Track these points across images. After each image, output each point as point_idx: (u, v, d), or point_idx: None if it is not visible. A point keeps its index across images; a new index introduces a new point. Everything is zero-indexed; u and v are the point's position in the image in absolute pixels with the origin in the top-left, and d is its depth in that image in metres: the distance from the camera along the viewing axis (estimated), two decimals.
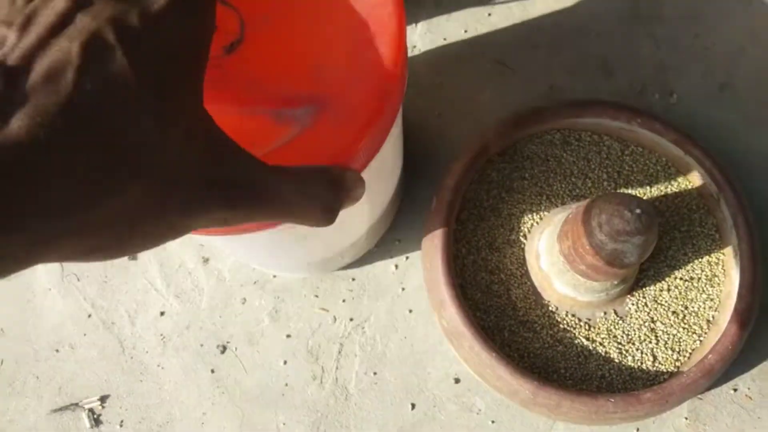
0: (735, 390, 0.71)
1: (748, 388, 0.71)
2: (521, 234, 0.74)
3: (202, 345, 0.78)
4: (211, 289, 0.80)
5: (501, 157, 0.77)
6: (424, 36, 0.86)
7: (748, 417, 0.71)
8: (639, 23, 0.83)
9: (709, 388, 0.71)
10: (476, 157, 0.72)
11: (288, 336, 0.77)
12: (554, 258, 0.67)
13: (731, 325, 0.64)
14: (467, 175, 0.72)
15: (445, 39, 0.85)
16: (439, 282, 0.68)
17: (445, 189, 0.71)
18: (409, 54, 0.83)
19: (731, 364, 0.70)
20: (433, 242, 0.69)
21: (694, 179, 0.73)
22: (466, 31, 0.85)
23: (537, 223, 0.74)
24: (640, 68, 0.82)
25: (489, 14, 0.86)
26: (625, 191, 0.74)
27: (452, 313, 0.67)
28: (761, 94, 0.79)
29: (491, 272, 0.72)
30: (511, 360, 0.68)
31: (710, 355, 0.64)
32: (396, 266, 0.78)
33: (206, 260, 0.80)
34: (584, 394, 0.63)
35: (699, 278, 0.71)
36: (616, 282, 0.64)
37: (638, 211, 0.54)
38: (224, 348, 0.77)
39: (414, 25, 0.86)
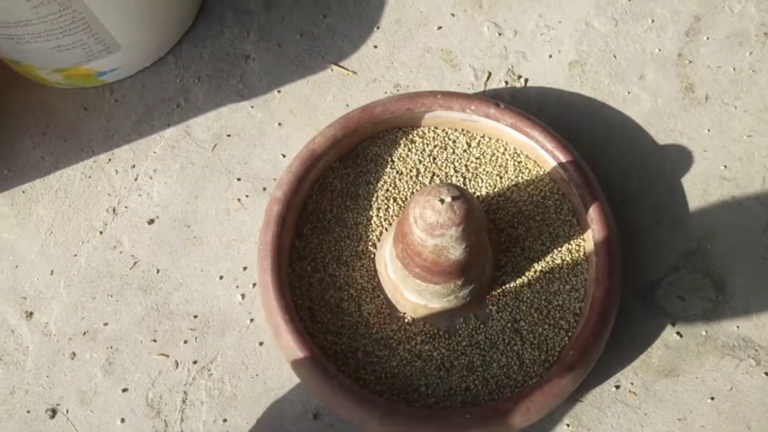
0: (617, 387, 0.65)
1: (632, 383, 0.65)
2: (370, 243, 0.67)
3: (29, 411, 0.68)
4: (36, 346, 0.70)
5: (343, 163, 0.70)
6: (257, 44, 0.79)
7: (635, 415, 0.64)
8: (480, 12, 0.79)
9: (588, 387, 0.65)
10: (306, 165, 0.65)
11: (124, 390, 0.68)
12: (395, 264, 0.60)
13: (591, 315, 0.59)
14: (300, 185, 0.65)
15: (280, 45, 0.79)
16: (272, 307, 0.60)
17: (272, 202, 0.64)
18: (244, 65, 0.77)
19: (610, 358, 0.65)
20: (263, 263, 0.62)
21: (544, 164, 0.68)
22: (301, 35, 0.80)
23: (386, 229, 0.67)
24: (486, 56, 0.77)
25: (324, 16, 0.80)
26: (475, 184, 0.69)
27: (288, 341, 0.59)
28: (610, 68, 0.76)
29: (340, 289, 0.65)
30: (364, 384, 0.60)
31: (570, 351, 0.57)
32: (242, 296, 0.70)
33: (29, 314, 0.71)
34: (438, 414, 0.56)
35: (560, 268, 0.65)
36: (460, 283, 0.58)
37: (449, 199, 0.48)
38: (54, 412, 0.67)
39: (246, 33, 0.80)
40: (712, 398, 0.64)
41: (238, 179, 0.75)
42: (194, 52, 0.80)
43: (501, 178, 0.69)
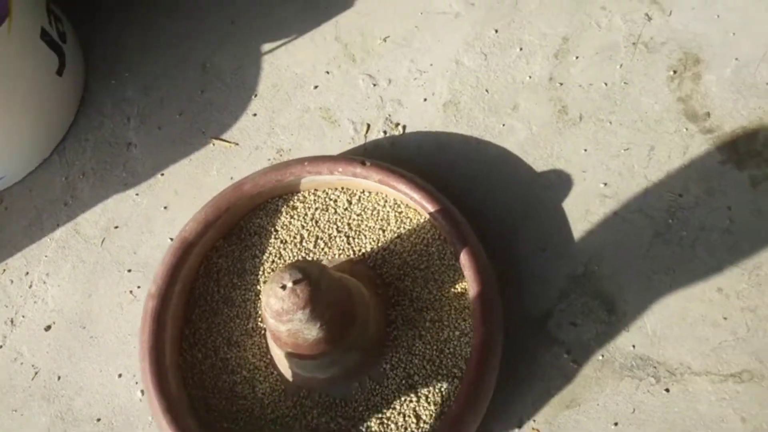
0: (520, 426, 0.65)
1: (534, 420, 0.65)
2: (259, 319, 0.67)
3: None
4: None
5: (227, 241, 0.70)
6: (138, 130, 0.80)
7: None
8: (354, 66, 0.80)
9: (492, 429, 0.64)
10: (179, 254, 0.65)
11: None
12: (272, 343, 0.60)
13: (470, 365, 0.58)
14: (175, 276, 0.65)
15: (160, 128, 0.80)
16: (155, 409, 0.60)
17: (148, 298, 0.64)
18: (127, 152, 0.77)
19: (511, 396, 0.64)
20: (143, 365, 0.61)
21: (422, 212, 0.68)
22: (180, 115, 0.80)
23: None
24: (363, 109, 0.78)
25: (202, 91, 0.81)
26: (359, 241, 0.69)
27: None
28: (484, 103, 0.76)
29: (233, 372, 0.65)
30: None
31: (453, 405, 0.57)
32: (142, 392, 0.69)
33: None
34: None
35: (449, 315, 0.65)
36: (336, 355, 0.58)
37: (290, 284, 0.48)
38: None
39: (126, 120, 0.80)
40: (616, 423, 0.64)
41: (129, 270, 0.75)
42: (77, 148, 0.80)
43: (384, 231, 0.69)
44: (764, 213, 0.69)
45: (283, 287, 0.49)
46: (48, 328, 0.73)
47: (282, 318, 0.49)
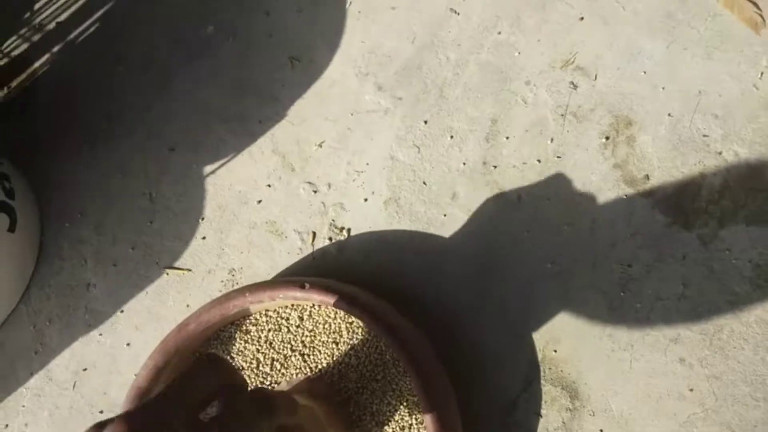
0: None
1: None
2: None
3: None
4: None
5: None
6: (96, 269, 0.82)
7: None
8: (294, 175, 0.81)
9: None
10: (135, 403, 0.66)
11: None
12: None
13: None
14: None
15: (115, 264, 0.82)
16: None
17: None
18: (87, 293, 0.79)
19: None
20: None
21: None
22: (133, 248, 0.82)
23: None
24: (307, 217, 0.79)
25: (150, 222, 0.83)
26: (314, 358, 0.69)
27: None
28: (423, 196, 0.76)
29: None
30: None
31: None
32: None
33: None
34: None
35: (411, 425, 0.65)
36: None
37: None
38: None
39: (84, 261, 0.83)
40: None
41: (101, 412, 0.76)
42: (41, 295, 0.82)
43: (337, 344, 0.69)
44: (717, 273, 0.67)
45: None
46: None
47: None
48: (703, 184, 0.70)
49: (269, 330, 0.71)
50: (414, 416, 0.65)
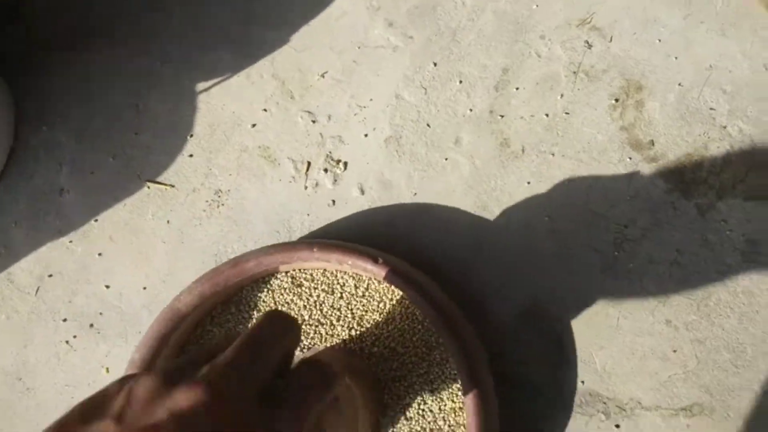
0: None
1: None
2: None
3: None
4: None
5: (224, 309, 0.67)
6: (71, 176, 0.77)
7: None
8: (293, 103, 0.78)
9: None
10: (170, 325, 0.62)
11: None
12: None
13: None
14: (161, 346, 0.61)
15: (92, 172, 0.77)
16: None
17: (129, 365, 0.60)
18: (59, 199, 0.75)
19: None
20: None
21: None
22: (114, 158, 0.78)
23: None
24: (303, 146, 0.76)
25: (136, 133, 0.78)
26: (361, 332, 0.65)
27: None
28: (426, 137, 0.74)
29: None
30: None
31: None
32: None
33: None
34: None
35: (441, 429, 0.61)
36: None
37: None
38: None
39: (59, 167, 0.78)
40: None
41: (64, 320, 0.72)
42: (9, 197, 0.77)
43: (386, 326, 0.65)
44: (711, 243, 0.68)
45: None
46: None
47: None
48: (706, 156, 0.70)
49: (322, 290, 0.67)
50: (447, 422, 0.62)
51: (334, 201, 0.73)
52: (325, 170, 0.75)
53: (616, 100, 0.73)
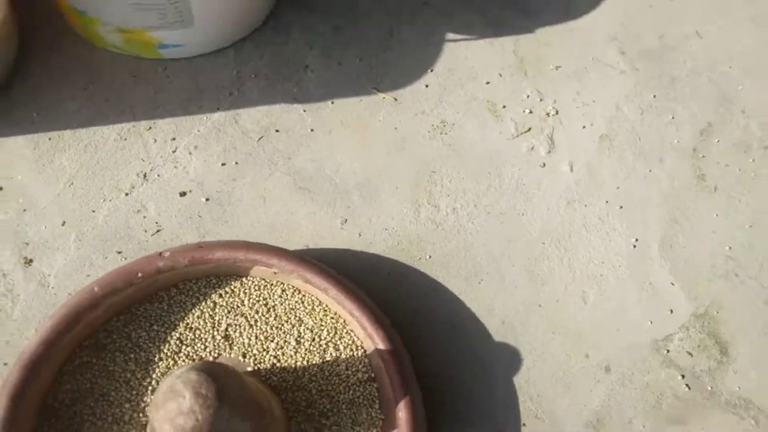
0: (630, 422, 0.65)
1: (643, 426, 0.65)
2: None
3: (6, 364, 0.60)
4: (29, 296, 0.64)
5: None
6: (318, 58, 0.82)
7: None
8: (525, 78, 0.86)
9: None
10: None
11: None
12: None
13: None
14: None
15: (340, 63, 0.83)
16: None
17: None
18: (303, 74, 0.79)
19: (624, 401, 0.65)
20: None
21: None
22: (360, 60, 0.84)
23: None
24: (526, 115, 0.83)
25: (384, 50, 0.85)
26: (282, 346, 0.62)
27: None
28: (635, 147, 0.83)
29: None
30: None
31: None
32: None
33: (28, 261, 0.65)
34: None
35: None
36: None
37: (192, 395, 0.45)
38: None
39: (309, 47, 0.83)
40: None
41: (281, 172, 0.74)
42: (255, 52, 0.82)
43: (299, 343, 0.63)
44: None
45: (184, 397, 0.45)
46: (183, 194, 0.71)
47: None
48: None
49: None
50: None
51: (545, 164, 0.80)
52: (543, 140, 0.82)
53: None
